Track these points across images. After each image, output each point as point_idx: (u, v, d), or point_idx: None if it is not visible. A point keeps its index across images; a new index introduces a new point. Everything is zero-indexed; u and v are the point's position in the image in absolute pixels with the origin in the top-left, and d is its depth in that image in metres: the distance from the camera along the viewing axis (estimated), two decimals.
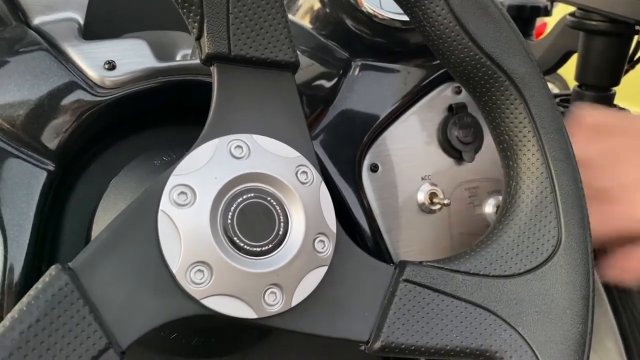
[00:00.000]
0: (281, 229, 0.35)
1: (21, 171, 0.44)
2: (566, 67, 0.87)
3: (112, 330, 0.31)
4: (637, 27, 0.67)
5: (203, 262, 0.33)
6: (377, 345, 0.37)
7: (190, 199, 0.33)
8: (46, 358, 0.29)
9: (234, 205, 0.34)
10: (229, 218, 0.34)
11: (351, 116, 0.55)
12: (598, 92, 0.71)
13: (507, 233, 0.40)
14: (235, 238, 0.34)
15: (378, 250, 0.54)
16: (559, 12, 0.88)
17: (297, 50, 0.38)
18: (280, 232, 0.35)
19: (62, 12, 0.51)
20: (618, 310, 0.66)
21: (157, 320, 0.33)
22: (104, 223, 0.46)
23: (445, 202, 0.56)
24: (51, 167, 0.46)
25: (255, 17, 0.37)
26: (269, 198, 0.35)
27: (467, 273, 0.39)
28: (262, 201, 0.35)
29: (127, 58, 0.48)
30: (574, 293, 0.39)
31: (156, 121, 0.53)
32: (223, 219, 0.34)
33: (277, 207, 0.35)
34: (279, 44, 0.37)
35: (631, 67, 0.75)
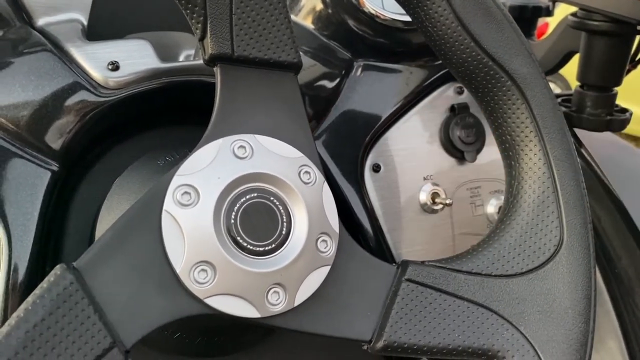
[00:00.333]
0: (284, 229, 0.35)
1: (25, 171, 0.45)
2: (568, 67, 0.87)
3: (117, 329, 0.31)
4: (639, 28, 0.66)
5: (206, 262, 0.33)
6: (380, 344, 0.37)
7: (193, 199, 0.34)
8: (51, 357, 0.30)
9: (237, 205, 0.34)
10: (232, 218, 0.34)
11: (353, 116, 0.55)
12: (600, 92, 0.71)
13: (509, 233, 0.40)
14: (238, 238, 0.34)
15: (380, 250, 0.54)
16: (561, 12, 0.88)
17: (300, 50, 0.38)
18: (283, 232, 0.35)
19: (66, 13, 0.51)
20: (620, 309, 0.66)
21: (161, 319, 0.33)
22: (108, 223, 0.46)
23: (447, 202, 0.56)
24: (55, 168, 0.46)
25: (258, 18, 0.37)
26: (272, 198, 0.35)
27: (469, 273, 0.39)
28: (265, 201, 0.35)
29: (131, 59, 0.49)
30: (576, 292, 0.39)
31: (159, 121, 0.53)
32: (226, 219, 0.34)
33: (280, 207, 0.36)
34: (282, 45, 0.37)
35: (633, 67, 0.74)
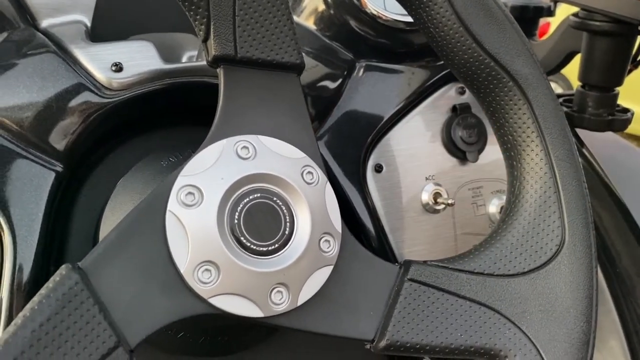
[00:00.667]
0: (287, 229, 0.36)
1: (30, 172, 0.45)
2: (570, 67, 0.87)
3: (121, 329, 0.32)
4: None
5: (210, 262, 0.33)
6: (383, 343, 0.37)
7: (197, 200, 0.34)
8: (57, 355, 0.30)
9: (241, 205, 0.35)
10: (236, 218, 0.34)
11: (355, 117, 0.55)
12: (601, 92, 0.71)
13: (511, 233, 0.41)
14: (242, 238, 0.34)
15: (383, 249, 0.54)
16: (563, 12, 0.88)
17: (302, 51, 0.39)
18: (286, 232, 0.35)
19: (70, 15, 0.52)
20: (621, 308, 0.66)
21: (166, 319, 0.33)
22: (112, 223, 0.46)
23: (449, 202, 0.56)
24: (59, 168, 0.46)
25: (261, 20, 0.37)
26: (275, 198, 0.36)
27: (472, 272, 0.39)
28: (269, 201, 0.35)
29: (134, 60, 0.49)
30: (578, 292, 0.39)
31: (163, 122, 0.53)
32: (230, 219, 0.34)
33: (283, 207, 0.36)
34: (285, 46, 0.38)
35: (635, 67, 0.74)
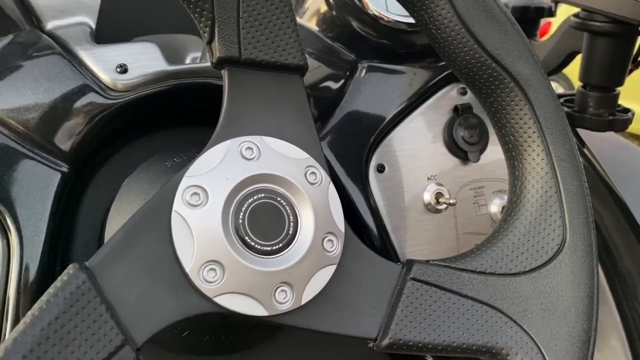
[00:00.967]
0: (291, 229, 0.36)
1: (36, 173, 0.45)
2: (571, 67, 0.87)
3: (128, 327, 0.32)
4: None
5: (215, 261, 0.34)
6: (385, 342, 0.37)
7: (202, 200, 0.34)
8: (65, 354, 0.30)
9: (245, 205, 0.35)
10: (241, 218, 0.35)
11: (358, 117, 0.55)
12: (602, 93, 0.72)
13: (513, 232, 0.41)
14: (246, 237, 0.35)
15: (385, 249, 0.54)
16: (564, 12, 0.88)
17: (305, 52, 0.39)
18: (290, 232, 0.36)
19: (75, 17, 0.52)
20: (623, 307, 0.66)
21: (171, 317, 0.33)
22: (117, 224, 0.47)
23: (451, 202, 0.56)
24: (65, 169, 0.46)
25: (265, 22, 0.37)
26: (279, 198, 0.36)
27: (473, 271, 0.40)
28: (272, 201, 0.36)
29: (139, 61, 0.49)
30: (579, 291, 0.40)
31: (167, 123, 0.54)
32: (234, 219, 0.35)
33: (287, 207, 0.36)
34: (288, 48, 0.38)
35: (635, 67, 0.75)
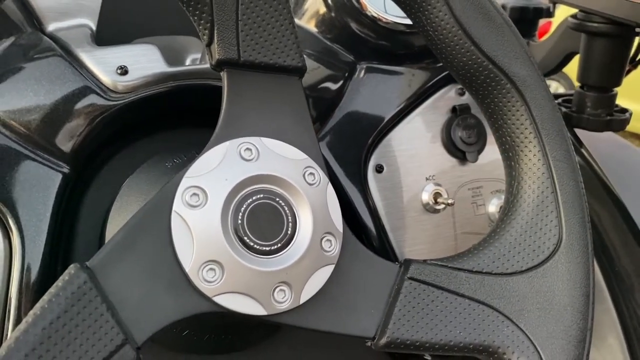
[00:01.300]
0: (289, 229, 0.36)
1: (37, 174, 0.46)
2: (572, 66, 0.87)
3: (128, 326, 0.32)
4: (638, 30, 0.67)
5: (215, 261, 0.34)
6: (383, 341, 0.38)
7: (202, 200, 0.35)
8: (67, 353, 0.31)
9: (244, 206, 0.35)
10: (240, 218, 0.35)
11: (357, 118, 0.56)
12: (600, 93, 0.72)
13: (509, 232, 0.41)
14: (245, 238, 0.35)
15: (383, 249, 0.55)
16: (563, 12, 0.89)
17: (304, 54, 0.39)
18: (288, 232, 0.36)
19: (75, 19, 0.52)
20: (620, 307, 0.67)
21: (171, 317, 0.34)
22: (118, 224, 0.47)
23: (449, 202, 0.56)
24: (66, 170, 0.47)
25: (263, 24, 0.38)
26: (278, 199, 0.36)
27: (470, 271, 0.40)
28: (271, 202, 0.36)
29: (139, 63, 0.50)
30: (575, 290, 0.40)
31: (167, 124, 0.54)
32: (234, 219, 0.35)
33: (286, 208, 0.36)
34: (287, 50, 0.38)
35: (633, 68, 0.75)
